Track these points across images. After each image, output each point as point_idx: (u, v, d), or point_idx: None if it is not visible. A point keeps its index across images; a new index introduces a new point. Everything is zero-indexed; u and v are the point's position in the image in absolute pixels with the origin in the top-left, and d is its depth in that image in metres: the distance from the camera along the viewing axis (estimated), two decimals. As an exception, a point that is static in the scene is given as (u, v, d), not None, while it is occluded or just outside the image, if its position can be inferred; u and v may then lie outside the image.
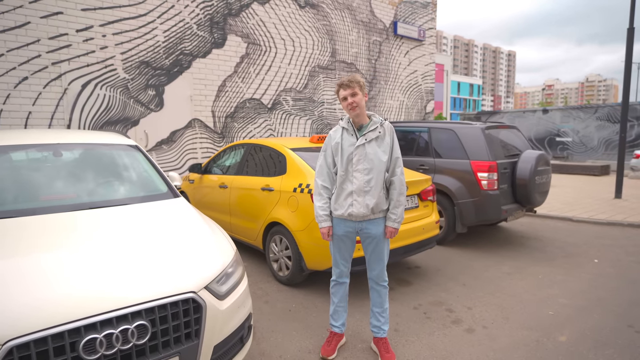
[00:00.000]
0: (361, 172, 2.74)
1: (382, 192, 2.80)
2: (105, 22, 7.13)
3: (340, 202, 2.81)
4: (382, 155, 2.77)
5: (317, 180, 2.91)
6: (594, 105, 20.46)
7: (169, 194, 3.31)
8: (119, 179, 3.30)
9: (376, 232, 2.83)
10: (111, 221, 2.65)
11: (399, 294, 4.10)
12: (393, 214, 2.83)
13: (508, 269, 4.90)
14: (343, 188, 2.80)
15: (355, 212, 2.76)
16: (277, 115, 9.76)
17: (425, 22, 13.27)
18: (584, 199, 9.58)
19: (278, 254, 4.36)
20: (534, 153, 5.65)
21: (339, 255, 2.96)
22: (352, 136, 2.80)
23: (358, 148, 2.75)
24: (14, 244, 2.22)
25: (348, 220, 2.83)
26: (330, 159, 2.88)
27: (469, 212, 5.48)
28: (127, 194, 3.15)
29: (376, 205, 2.77)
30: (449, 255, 5.42)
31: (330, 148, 2.88)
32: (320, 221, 2.87)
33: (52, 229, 2.45)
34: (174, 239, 2.52)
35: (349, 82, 2.73)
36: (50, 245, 2.25)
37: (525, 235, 6.44)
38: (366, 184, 2.74)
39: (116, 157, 3.49)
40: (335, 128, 2.93)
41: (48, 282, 1.88)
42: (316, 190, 2.91)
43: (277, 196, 4.34)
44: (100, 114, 7.18)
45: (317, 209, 2.88)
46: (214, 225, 2.93)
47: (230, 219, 5.18)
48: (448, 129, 5.88)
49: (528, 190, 5.53)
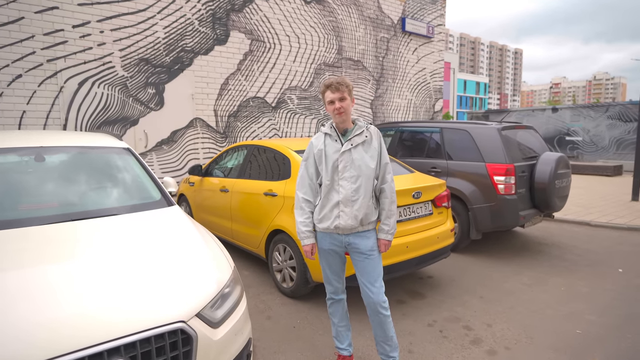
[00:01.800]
0: (348, 180, 2.47)
1: (372, 202, 2.53)
2: (102, 18, 6.86)
3: (326, 214, 2.53)
4: (369, 161, 2.49)
5: (297, 193, 2.64)
6: (605, 104, 19.95)
7: (163, 202, 3.04)
8: (107, 186, 3.03)
9: (366, 246, 2.54)
10: (94, 236, 2.38)
11: (411, 309, 3.80)
12: (385, 224, 2.56)
13: (527, 279, 4.59)
14: (329, 199, 2.52)
15: (343, 224, 2.48)
16: (282, 115, 9.47)
17: (434, 19, 12.90)
18: (599, 202, 9.22)
19: (282, 264, 4.08)
20: (553, 155, 5.32)
21: (329, 271, 2.68)
22: (336, 142, 2.52)
23: (344, 154, 2.47)
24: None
25: (334, 234, 2.55)
26: (313, 169, 2.60)
27: (484, 217, 5.16)
28: (115, 202, 2.87)
29: (365, 216, 2.50)
30: (463, 263, 5.11)
31: (312, 157, 2.60)
32: (302, 238, 2.60)
33: (25, 245, 2.18)
34: (164, 256, 2.24)
35: (338, 85, 2.46)
36: (18, 265, 1.98)
37: (542, 241, 6.11)
38: (354, 192, 2.46)
39: (105, 161, 3.21)
40: (316, 135, 2.65)
41: (5, 315, 1.61)
42: (297, 203, 2.64)
43: (280, 202, 4.06)
44: (97, 113, 6.92)
45: (298, 224, 2.61)
46: (210, 238, 2.65)
47: (232, 225, 4.90)
48: (461, 129, 5.56)
49: (547, 194, 5.20)
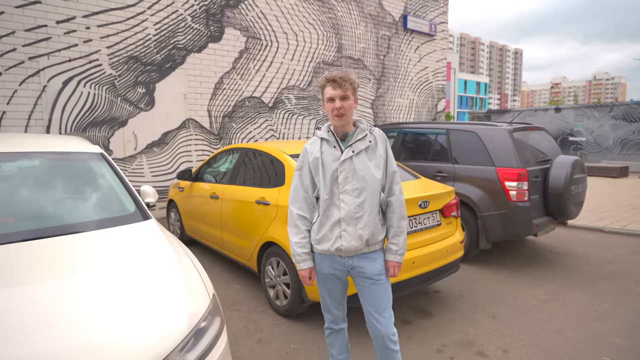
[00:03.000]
0: (350, 193, 2.09)
1: (378, 218, 2.16)
2: (89, 13, 6.50)
3: (325, 234, 2.15)
4: (375, 170, 2.12)
5: (291, 208, 2.25)
6: (609, 104, 19.61)
7: (137, 215, 2.67)
8: (73, 198, 2.67)
9: (373, 270, 2.16)
10: (47, 260, 2.01)
11: (418, 330, 3.44)
12: (394, 244, 2.18)
13: (543, 294, 4.22)
14: (328, 216, 2.14)
15: (346, 246, 2.11)
16: (279, 115, 9.11)
17: (437, 16, 12.54)
18: (609, 205, 8.84)
19: (275, 280, 3.71)
20: (568, 158, 4.95)
21: (328, 298, 2.31)
22: (334, 148, 2.13)
23: (344, 163, 2.09)
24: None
25: (335, 256, 2.18)
26: (308, 180, 2.21)
27: (495, 226, 4.80)
28: (80, 217, 2.51)
29: (371, 236, 2.12)
30: (472, 275, 4.74)
31: (307, 166, 2.21)
32: (298, 261, 2.22)
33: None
34: (125, 287, 1.88)
35: (341, 81, 2.06)
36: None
37: (555, 250, 5.75)
38: (358, 208, 2.09)
39: (73, 169, 2.85)
40: (311, 140, 2.25)
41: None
42: (291, 221, 2.25)
43: (273, 211, 3.69)
44: (84, 113, 6.56)
45: (293, 245, 2.22)
46: (187, 259, 2.29)
47: (222, 234, 4.54)
48: (469, 130, 5.20)
49: (562, 201, 4.83)
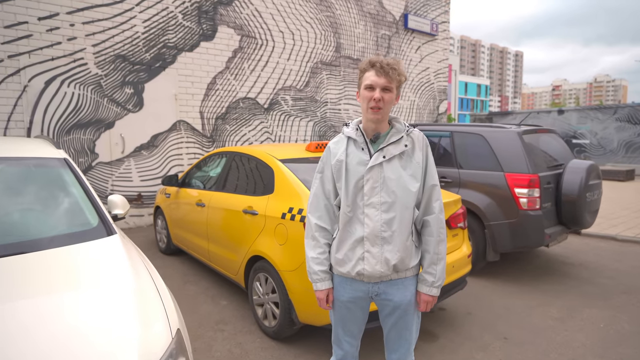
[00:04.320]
0: (377, 207, 1.74)
1: (411, 240, 1.79)
2: (73, 9, 6.17)
3: (345, 254, 1.80)
4: (410, 181, 1.75)
5: (309, 217, 1.90)
6: (613, 105, 19.33)
7: (100, 230, 2.33)
8: (29, 210, 2.33)
9: (401, 299, 1.81)
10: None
11: (421, 356, 3.08)
12: (430, 273, 1.81)
13: (557, 311, 3.87)
14: (349, 232, 1.79)
15: (369, 271, 1.76)
16: (275, 117, 8.77)
17: (439, 15, 12.21)
18: (619, 211, 8.49)
19: (263, 297, 3.36)
20: (583, 163, 4.60)
21: (342, 330, 1.94)
22: (362, 151, 1.78)
23: (372, 170, 1.74)
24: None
25: (357, 281, 1.82)
26: (330, 185, 1.86)
27: (504, 236, 4.45)
28: (35, 233, 2.16)
29: (401, 261, 1.76)
30: (479, 290, 4.39)
31: (329, 168, 1.86)
32: (314, 280, 1.87)
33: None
34: (70, 319, 1.54)
35: (388, 68, 1.68)
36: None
37: (567, 260, 5.39)
38: (385, 226, 1.73)
39: (31, 176, 2.51)
40: (336, 138, 1.90)
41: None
42: (308, 232, 1.89)
43: (261, 222, 3.35)
44: (68, 115, 6.23)
45: (309, 262, 1.87)
46: (152, 286, 1.94)
47: (208, 245, 4.20)
48: (476, 133, 4.85)
49: (577, 209, 4.48)
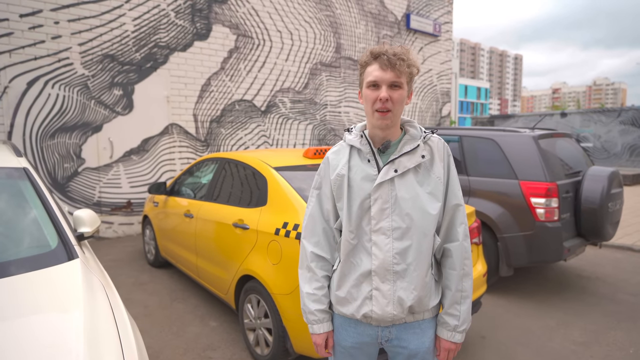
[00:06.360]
0: (388, 234, 1.36)
1: (430, 274, 1.42)
2: (58, 6, 5.84)
3: (349, 291, 1.43)
4: (428, 201, 1.37)
5: (304, 244, 1.53)
6: (617, 108, 19.03)
7: (59, 254, 1.98)
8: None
9: (418, 346, 1.44)
10: None
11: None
12: (452, 315, 1.44)
13: (580, 334, 3.51)
14: (353, 264, 1.42)
15: (378, 313, 1.39)
16: (272, 120, 8.42)
17: (441, 16, 11.89)
18: (632, 218, 8.13)
19: (255, 322, 3.01)
20: (604, 170, 4.25)
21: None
22: (369, 163, 1.41)
23: (381, 187, 1.37)
24: None
25: (363, 324, 1.45)
26: (330, 205, 1.49)
27: (518, 250, 4.09)
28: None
29: (418, 301, 1.39)
30: (493, 309, 4.02)
31: (328, 184, 1.48)
32: (310, 322, 1.50)
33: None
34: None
35: (395, 59, 1.30)
36: None
37: (583, 274, 5.03)
38: (398, 258, 1.36)
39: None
40: (336, 147, 1.52)
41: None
42: (303, 261, 1.53)
43: (253, 237, 2.99)
44: (52, 118, 5.88)
45: (304, 298, 1.51)
46: (112, 329, 1.57)
47: (197, 260, 3.84)
48: (487, 137, 4.50)
49: (598, 220, 4.12)
